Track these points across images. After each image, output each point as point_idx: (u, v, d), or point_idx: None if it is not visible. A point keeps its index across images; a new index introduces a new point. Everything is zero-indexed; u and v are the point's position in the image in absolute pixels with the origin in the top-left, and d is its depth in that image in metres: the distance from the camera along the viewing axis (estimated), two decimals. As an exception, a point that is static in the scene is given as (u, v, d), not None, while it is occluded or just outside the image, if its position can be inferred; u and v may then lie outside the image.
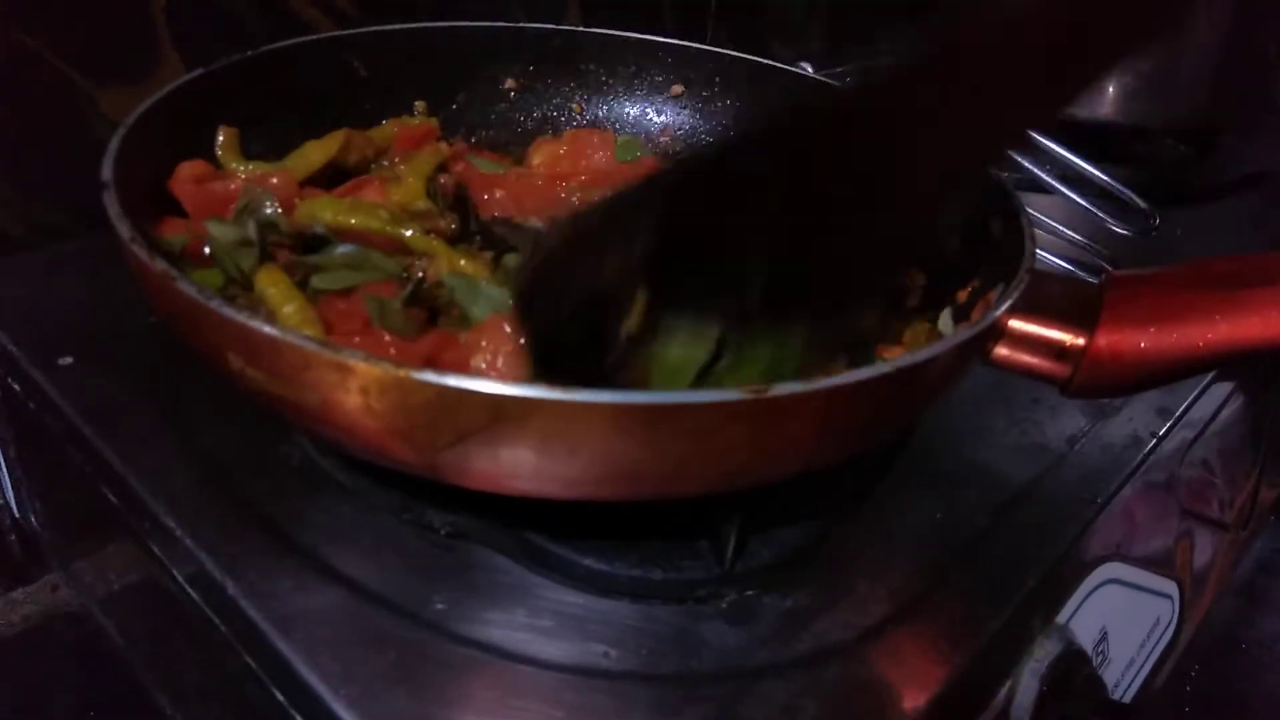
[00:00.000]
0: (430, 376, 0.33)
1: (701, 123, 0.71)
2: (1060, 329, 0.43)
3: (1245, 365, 0.70)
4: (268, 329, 0.34)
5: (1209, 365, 0.42)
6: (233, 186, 0.51)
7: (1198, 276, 0.43)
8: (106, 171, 0.43)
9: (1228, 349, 0.41)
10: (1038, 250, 0.71)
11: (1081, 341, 0.43)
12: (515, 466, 0.35)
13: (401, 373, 0.33)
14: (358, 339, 0.45)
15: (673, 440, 0.34)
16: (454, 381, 0.32)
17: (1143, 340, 0.42)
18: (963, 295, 0.51)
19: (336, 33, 0.61)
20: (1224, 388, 0.67)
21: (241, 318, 0.35)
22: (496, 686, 0.38)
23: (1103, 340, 0.42)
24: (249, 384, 0.38)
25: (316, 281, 0.48)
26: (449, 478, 0.38)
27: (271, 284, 0.47)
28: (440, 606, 0.41)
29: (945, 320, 0.49)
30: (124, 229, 0.40)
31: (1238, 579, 0.86)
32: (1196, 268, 0.44)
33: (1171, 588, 0.63)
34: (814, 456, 0.39)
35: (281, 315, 0.45)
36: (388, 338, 0.45)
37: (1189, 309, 0.41)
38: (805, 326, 0.40)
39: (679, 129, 0.71)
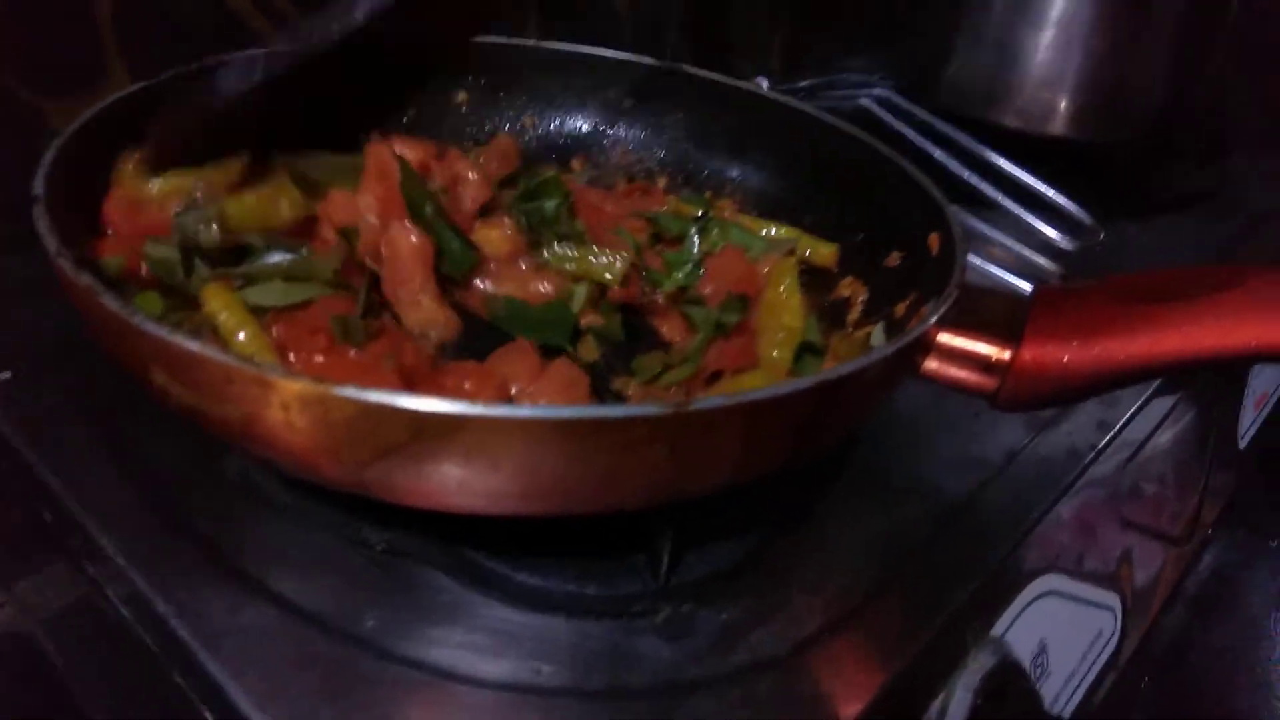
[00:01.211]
0: (350, 392, 0.33)
1: (654, 137, 0.72)
2: (987, 342, 0.44)
3: (1189, 378, 0.71)
4: (188, 344, 0.35)
5: (1132, 379, 0.42)
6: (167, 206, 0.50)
7: (1122, 291, 0.44)
8: (38, 185, 0.42)
9: (1148, 363, 0.41)
10: (984, 264, 0.72)
11: (1007, 355, 0.43)
12: (441, 482, 0.35)
13: (322, 388, 0.33)
14: (320, 358, 0.44)
15: (594, 455, 0.35)
16: (375, 397, 0.33)
17: (1065, 354, 0.42)
18: (901, 308, 0.52)
19: (283, 46, 0.61)
20: (1166, 401, 0.68)
21: (163, 333, 0.35)
22: (427, 704, 0.38)
23: (1027, 354, 0.43)
24: (175, 400, 0.38)
25: (253, 296, 0.47)
26: (378, 494, 0.38)
27: (223, 307, 0.46)
28: (372, 624, 0.41)
29: (878, 334, 0.50)
30: (51, 243, 0.39)
31: (1186, 591, 0.87)
32: (1121, 282, 0.45)
33: (1113, 600, 0.64)
34: (741, 470, 0.40)
35: (235, 345, 0.45)
36: (352, 354, 0.45)
37: (1111, 324, 0.42)
38: None
39: (631, 143, 0.72)
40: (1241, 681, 0.90)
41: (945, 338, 0.43)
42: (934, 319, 0.42)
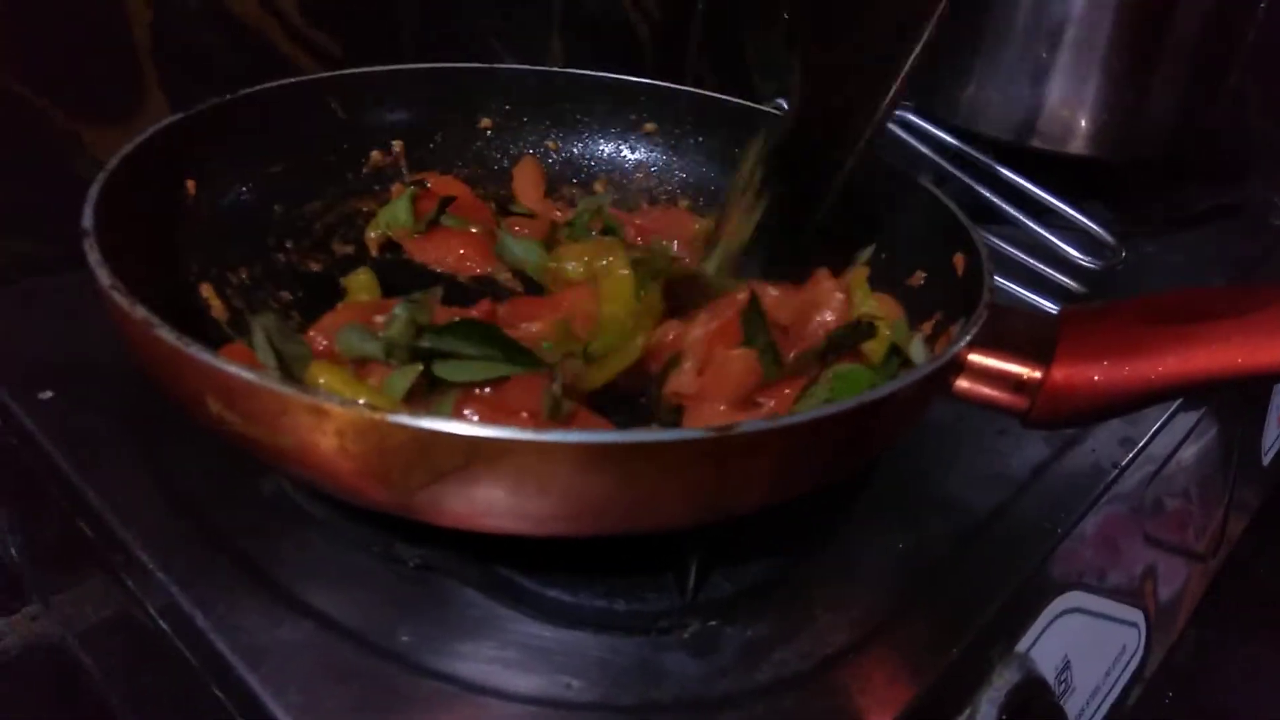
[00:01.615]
0: (405, 419, 0.33)
1: (675, 159, 0.73)
2: (1018, 362, 0.44)
3: (1212, 395, 0.71)
4: (244, 374, 0.35)
5: (1160, 397, 0.43)
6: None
7: (1149, 311, 0.44)
8: (87, 219, 0.43)
9: (1178, 381, 0.42)
10: (1006, 284, 0.73)
11: (1038, 375, 0.44)
12: (488, 505, 0.36)
13: (378, 415, 0.33)
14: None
15: (640, 478, 0.35)
16: (429, 424, 0.33)
17: (1096, 373, 0.43)
18: (927, 327, 0.53)
19: (315, 76, 0.63)
20: (1190, 417, 0.68)
21: (219, 363, 0.36)
22: (459, 718, 0.39)
23: (1058, 373, 0.43)
24: (227, 428, 0.38)
25: (444, 372, 0.46)
26: (422, 516, 0.38)
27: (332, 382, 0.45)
28: (407, 639, 0.42)
29: (917, 348, 0.50)
30: (103, 276, 0.40)
31: (1210, 606, 0.86)
32: (1148, 302, 0.45)
33: (1137, 616, 0.64)
34: (779, 490, 0.40)
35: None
36: None
37: (1140, 343, 0.43)
38: None
39: (653, 166, 0.73)
40: (1267, 697, 0.89)
41: (976, 358, 0.44)
42: (966, 339, 0.43)
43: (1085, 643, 0.57)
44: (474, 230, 0.64)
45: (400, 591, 0.44)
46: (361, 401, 0.34)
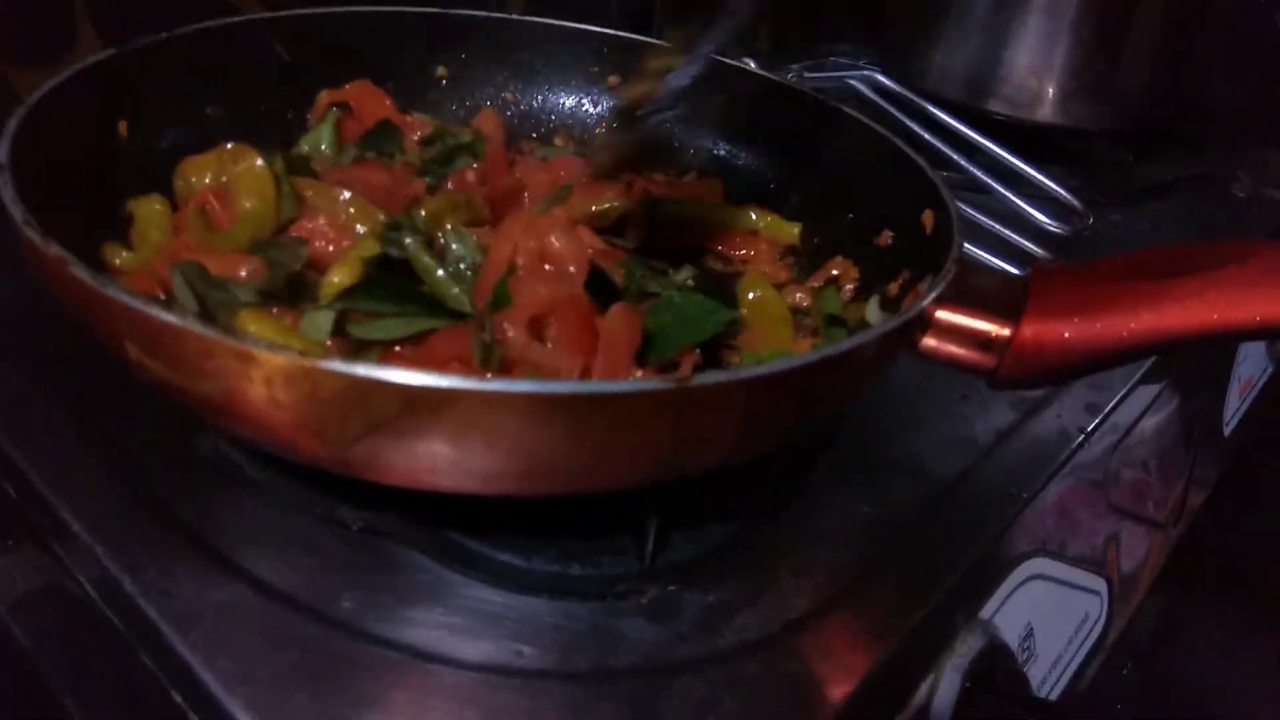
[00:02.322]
0: (339, 366, 0.31)
1: (639, 115, 0.70)
2: (986, 319, 0.43)
3: (1174, 364, 0.71)
4: (165, 315, 0.33)
5: (1133, 355, 0.42)
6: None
7: (1122, 268, 0.43)
8: (2, 153, 0.41)
9: (1150, 338, 0.41)
10: (974, 249, 0.72)
11: (1006, 332, 0.42)
12: (430, 460, 0.34)
13: (308, 362, 0.31)
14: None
15: (593, 432, 0.33)
16: (363, 371, 0.31)
17: (1066, 330, 0.42)
18: (894, 287, 0.51)
19: (259, 15, 0.60)
20: (1154, 387, 0.68)
21: (138, 304, 0.33)
22: (404, 686, 0.37)
23: (1027, 330, 0.42)
24: (149, 374, 0.36)
25: (360, 332, 0.44)
26: (361, 473, 0.36)
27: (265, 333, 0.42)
28: (349, 605, 0.40)
29: (872, 309, 0.49)
30: (17, 212, 0.38)
31: (1170, 577, 0.87)
32: (1122, 260, 0.44)
33: (1100, 584, 0.63)
34: (739, 447, 0.39)
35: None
36: None
37: (1112, 299, 0.41)
38: None
39: (615, 121, 0.70)
40: (1224, 667, 0.90)
41: (944, 314, 0.43)
42: (933, 295, 0.41)
43: (1048, 610, 0.56)
44: (404, 164, 0.60)
45: (343, 556, 0.42)
46: (290, 346, 0.32)
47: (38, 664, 0.58)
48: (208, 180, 0.53)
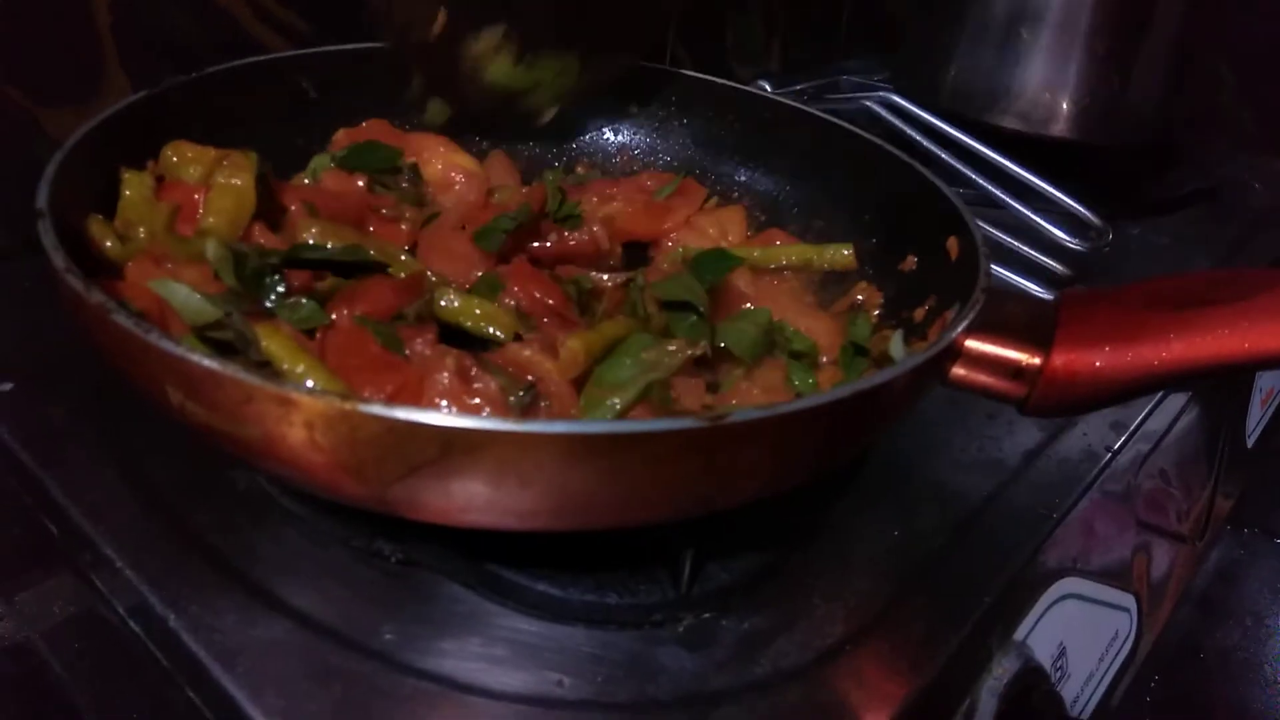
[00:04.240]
0: (378, 409, 0.32)
1: (659, 141, 0.71)
2: (1016, 349, 0.43)
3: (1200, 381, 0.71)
4: (206, 362, 0.33)
5: (1164, 384, 0.42)
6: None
7: (1151, 295, 0.43)
8: (41, 199, 0.41)
9: (1182, 367, 0.41)
10: (993, 267, 0.72)
11: (1037, 361, 0.43)
12: (468, 499, 0.34)
13: (348, 405, 0.32)
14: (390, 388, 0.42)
15: (628, 470, 0.34)
16: (403, 414, 0.32)
17: (1098, 359, 0.42)
18: (920, 313, 0.52)
19: (286, 54, 0.60)
20: (1178, 400, 0.68)
21: (180, 350, 0.34)
22: (446, 718, 0.38)
23: (1058, 360, 0.42)
24: (190, 419, 0.36)
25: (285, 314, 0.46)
26: (401, 512, 0.37)
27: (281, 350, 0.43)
28: (389, 637, 0.40)
29: (896, 344, 0.49)
30: (58, 259, 0.38)
31: (1195, 589, 0.86)
32: (1149, 286, 0.44)
33: (1129, 601, 0.63)
34: (772, 481, 0.39)
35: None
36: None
37: (1143, 328, 0.41)
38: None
39: (635, 149, 0.71)
40: (1249, 678, 0.89)
41: (973, 344, 0.43)
42: (963, 325, 0.41)
43: (1080, 629, 0.56)
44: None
45: (382, 587, 0.43)
46: (330, 392, 0.32)
47: (72, 694, 0.59)
48: (192, 173, 0.52)
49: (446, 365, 0.42)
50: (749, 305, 0.56)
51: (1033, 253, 0.74)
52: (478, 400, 0.42)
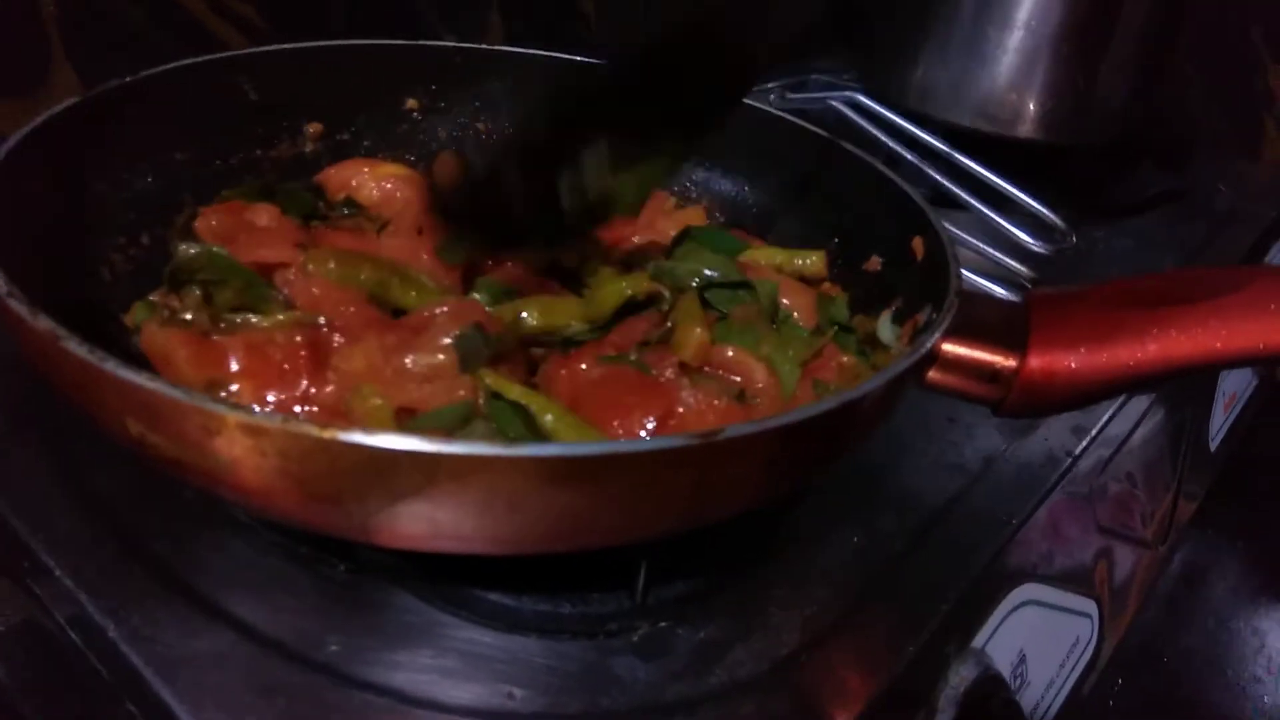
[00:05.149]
0: (359, 438, 0.30)
1: (619, 141, 0.70)
2: (992, 352, 0.42)
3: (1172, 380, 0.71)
4: (169, 390, 0.31)
5: (1140, 384, 0.41)
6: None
7: (1120, 294, 0.43)
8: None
9: (1159, 367, 0.40)
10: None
11: (1013, 363, 0.42)
12: (456, 527, 0.33)
13: (326, 435, 0.30)
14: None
15: (619, 489, 0.33)
16: (385, 442, 0.30)
17: (1073, 360, 0.41)
18: (886, 315, 0.51)
19: (224, 54, 0.58)
20: (1140, 404, 0.68)
21: (140, 379, 0.31)
22: (394, 733, 0.37)
23: (1035, 362, 0.42)
24: (150, 451, 0.34)
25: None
26: (383, 541, 0.35)
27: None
28: (336, 648, 0.39)
29: (884, 326, 0.48)
30: (0, 284, 0.35)
31: (1159, 592, 0.87)
32: (1118, 286, 0.44)
33: (1091, 606, 0.63)
34: (761, 493, 0.38)
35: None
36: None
37: (1119, 328, 0.41)
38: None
39: None
40: (1213, 681, 0.90)
41: (949, 347, 0.42)
42: (940, 330, 0.41)
43: (1040, 636, 0.56)
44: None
45: (329, 598, 0.42)
46: (308, 423, 0.30)
47: (17, 703, 0.57)
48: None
49: (682, 383, 0.44)
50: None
51: (998, 254, 0.74)
52: (716, 402, 0.43)
